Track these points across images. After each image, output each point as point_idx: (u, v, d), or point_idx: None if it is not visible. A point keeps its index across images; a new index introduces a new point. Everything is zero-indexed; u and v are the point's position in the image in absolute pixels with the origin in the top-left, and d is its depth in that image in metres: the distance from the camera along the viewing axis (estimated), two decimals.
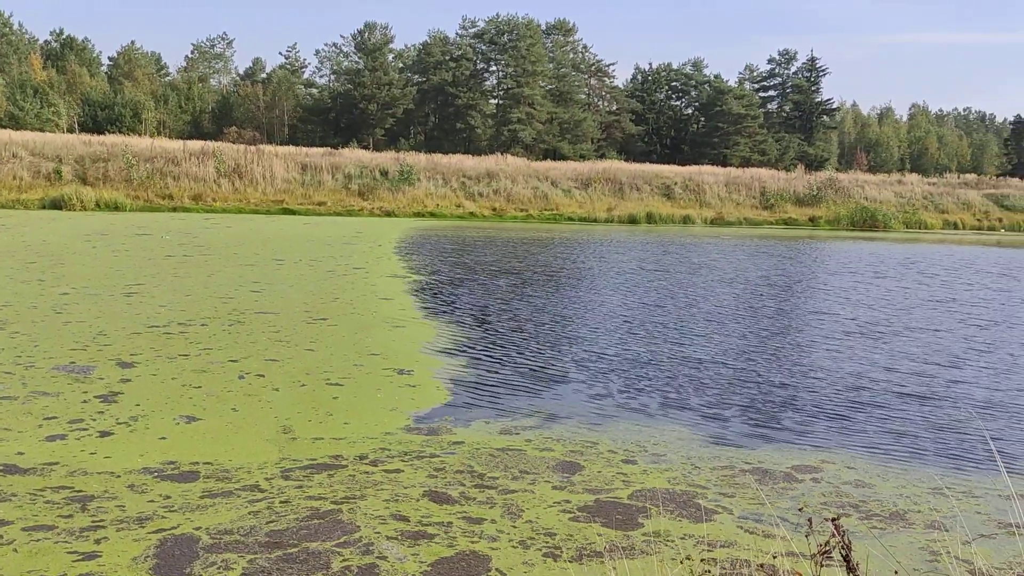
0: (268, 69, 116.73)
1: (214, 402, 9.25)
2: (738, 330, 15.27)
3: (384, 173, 51.27)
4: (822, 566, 3.13)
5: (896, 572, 5.44)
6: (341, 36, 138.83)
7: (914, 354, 13.43)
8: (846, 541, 3.06)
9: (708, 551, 5.92)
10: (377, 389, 10.10)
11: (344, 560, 5.59)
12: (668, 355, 12.79)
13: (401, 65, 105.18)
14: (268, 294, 16.96)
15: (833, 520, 3.23)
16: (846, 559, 3.02)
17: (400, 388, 10.19)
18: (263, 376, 10.44)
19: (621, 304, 17.94)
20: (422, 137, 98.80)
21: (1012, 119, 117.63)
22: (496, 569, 5.56)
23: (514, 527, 6.24)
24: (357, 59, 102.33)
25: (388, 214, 47.47)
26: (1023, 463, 8.13)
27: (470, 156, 64.73)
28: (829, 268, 28.71)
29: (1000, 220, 62.50)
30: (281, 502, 6.56)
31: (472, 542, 5.95)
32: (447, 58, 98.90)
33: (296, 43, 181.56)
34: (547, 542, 6.00)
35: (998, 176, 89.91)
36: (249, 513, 6.32)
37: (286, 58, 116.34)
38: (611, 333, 14.51)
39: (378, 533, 6.03)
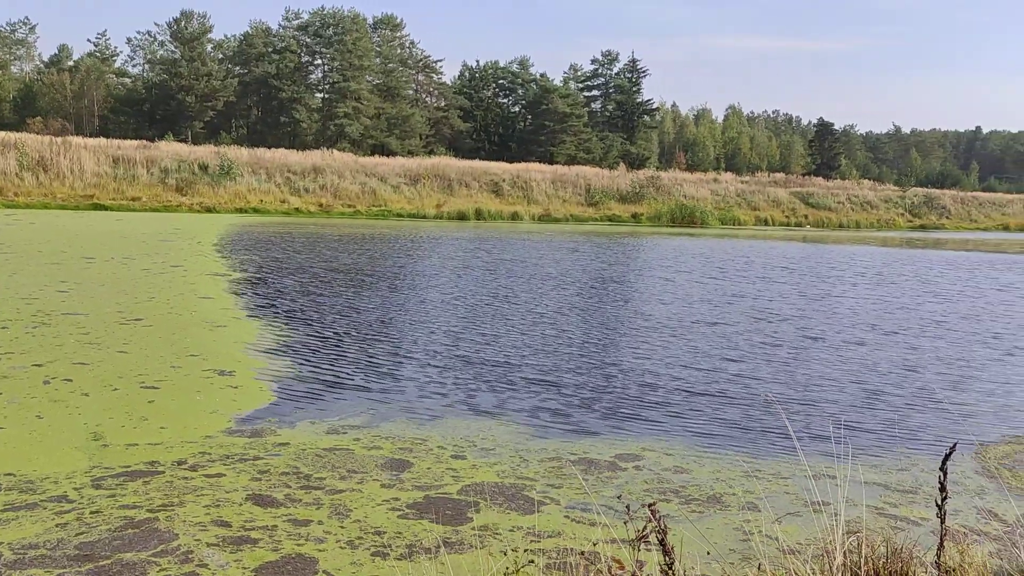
0: (76, 56, 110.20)
1: (16, 409, 8.61)
2: (563, 325, 15.57)
3: (204, 167, 49.37)
4: (639, 551, 3.19)
5: (708, 552, 5.66)
6: (156, 24, 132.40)
7: (716, 347, 14.07)
8: (662, 526, 3.14)
9: (536, 542, 5.97)
10: (196, 391, 9.69)
11: (161, 570, 5.31)
12: (495, 351, 12.89)
13: (221, 56, 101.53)
14: (76, 294, 15.99)
15: (650, 506, 3.31)
16: (662, 543, 3.10)
17: (221, 390, 9.81)
18: (71, 381, 9.82)
19: (450, 301, 17.96)
20: (244, 131, 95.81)
21: (816, 121, 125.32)
22: (323, 571, 5.42)
23: (342, 527, 6.11)
24: (173, 48, 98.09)
25: (209, 210, 45.77)
26: (821, 446, 8.63)
27: (295, 151, 63.17)
28: (644, 264, 29.74)
29: (806, 216, 66.61)
30: (92, 512, 6.17)
31: (298, 545, 5.78)
32: (270, 50, 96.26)
33: (106, 30, 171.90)
34: (376, 541, 5.90)
35: (804, 175, 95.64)
36: (56, 525, 5.92)
37: (95, 45, 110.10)
38: (439, 330, 14.49)
39: (198, 540, 5.77)
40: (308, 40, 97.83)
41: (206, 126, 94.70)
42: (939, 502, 4.56)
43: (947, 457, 4.56)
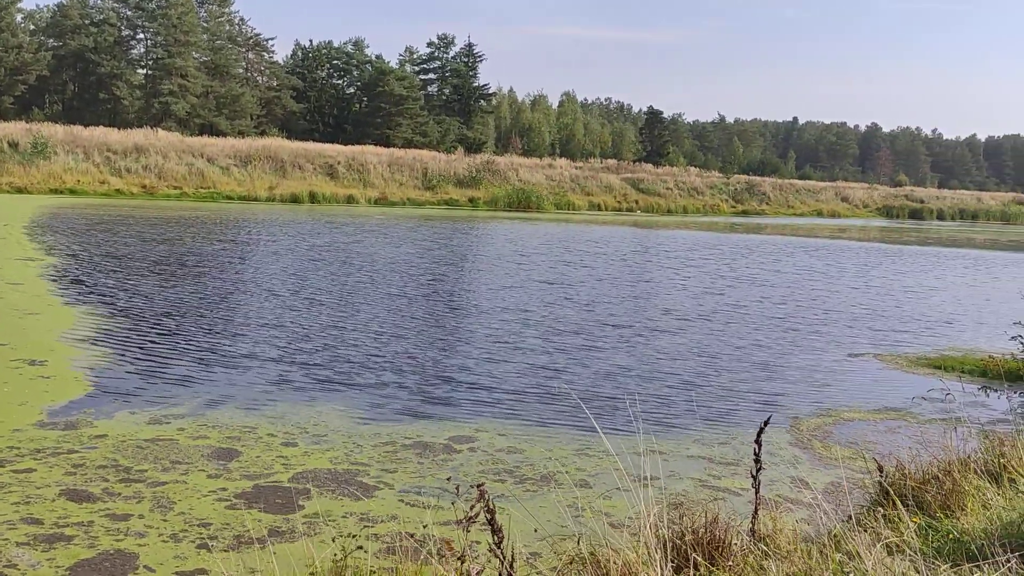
0: None
1: None
2: (395, 308, 15.49)
3: (13, 145, 46.16)
4: (469, 531, 3.19)
5: (536, 530, 5.75)
6: None
7: (546, 327, 14.36)
8: (490, 506, 3.14)
9: (370, 527, 5.91)
10: (3, 383, 9.07)
11: None
12: (326, 338, 12.68)
13: (33, 27, 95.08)
14: None
15: (478, 487, 3.31)
16: (490, 522, 3.11)
17: (31, 380, 9.23)
18: None
19: (278, 287, 17.54)
20: (59, 107, 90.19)
21: (646, 109, 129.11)
22: (144, 566, 5.19)
23: (165, 521, 5.86)
24: None
25: (19, 191, 42.86)
26: (648, 424, 8.93)
27: (116, 129, 59.81)
28: (479, 249, 29.98)
29: (637, 202, 68.67)
30: None
31: (117, 540, 5.51)
32: (87, 22, 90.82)
33: None
34: (201, 533, 5.69)
35: (634, 162, 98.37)
36: None
37: None
38: (267, 317, 14.13)
39: (6, 540, 5.41)
40: (129, 13, 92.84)
41: (16, 101, 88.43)
42: (754, 473, 4.78)
43: (761, 430, 4.79)
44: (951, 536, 4.67)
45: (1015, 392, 11.10)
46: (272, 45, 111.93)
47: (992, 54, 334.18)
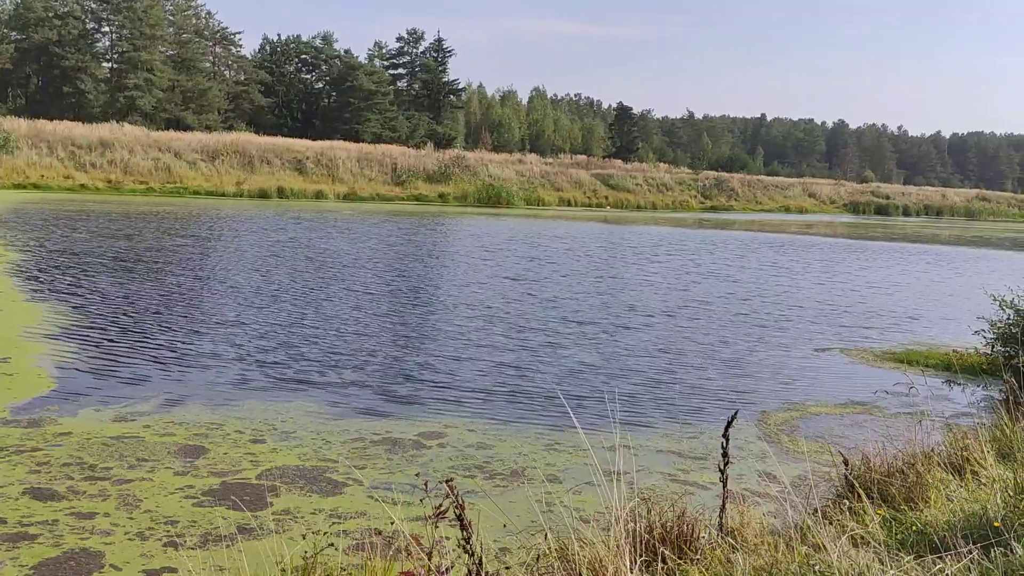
0: None
1: None
2: (360, 306, 15.44)
3: None
4: (437, 526, 3.19)
5: (505, 525, 5.75)
6: None
7: (511, 323, 14.37)
8: (459, 501, 3.14)
9: (339, 524, 5.89)
10: None
11: None
12: (292, 334, 12.62)
13: None
14: None
15: (447, 482, 3.31)
16: (459, 518, 3.11)
17: None
18: None
19: (245, 284, 17.42)
20: (23, 101, 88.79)
21: (616, 105, 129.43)
22: (110, 565, 5.14)
23: (131, 519, 5.80)
24: None
25: None
26: (620, 418, 8.96)
27: (81, 123, 58.99)
28: (440, 247, 29.94)
29: (607, 198, 68.84)
30: None
31: (82, 539, 5.45)
32: (50, 15, 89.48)
33: None
34: (168, 531, 5.64)
35: (604, 158, 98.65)
36: None
37: None
38: (235, 314, 14.03)
39: None
40: (93, 6, 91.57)
41: None
42: (721, 467, 4.82)
43: (729, 425, 4.82)
44: (915, 528, 4.74)
45: (978, 386, 11.27)
46: (239, 39, 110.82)
47: (956, 52, 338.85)
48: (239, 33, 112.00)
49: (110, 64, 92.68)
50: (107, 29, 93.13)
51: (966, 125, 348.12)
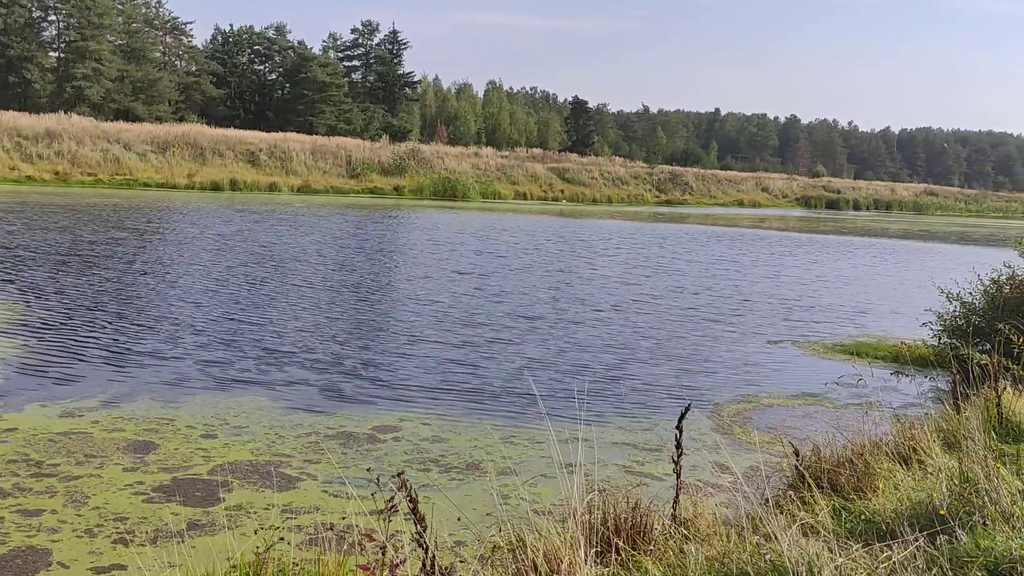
0: None
1: None
2: (309, 299, 15.33)
3: None
4: (390, 521, 3.18)
5: (459, 519, 5.75)
6: None
7: (465, 319, 14.38)
8: (412, 495, 3.13)
9: (292, 519, 5.84)
10: None
11: None
12: (246, 328, 12.49)
13: None
14: None
15: (399, 475, 3.29)
16: (413, 511, 3.09)
17: None
18: None
19: (197, 277, 17.20)
20: None
21: (571, 99, 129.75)
22: (58, 562, 5.05)
23: (79, 515, 5.70)
24: None
25: None
26: (575, 411, 8.99)
27: (26, 114, 57.75)
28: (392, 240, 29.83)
29: (562, 191, 69.01)
30: None
31: (28, 536, 5.35)
32: None
33: None
34: (117, 528, 5.55)
35: (560, 151, 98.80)
36: None
37: None
38: (184, 307, 13.85)
39: None
40: None
41: None
42: (675, 458, 4.85)
43: (682, 417, 4.86)
44: (863, 517, 4.82)
45: (925, 377, 11.49)
46: (191, 29, 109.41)
47: (905, 49, 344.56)
48: (190, 23, 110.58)
49: (57, 53, 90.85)
50: (54, 18, 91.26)
51: (915, 121, 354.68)
